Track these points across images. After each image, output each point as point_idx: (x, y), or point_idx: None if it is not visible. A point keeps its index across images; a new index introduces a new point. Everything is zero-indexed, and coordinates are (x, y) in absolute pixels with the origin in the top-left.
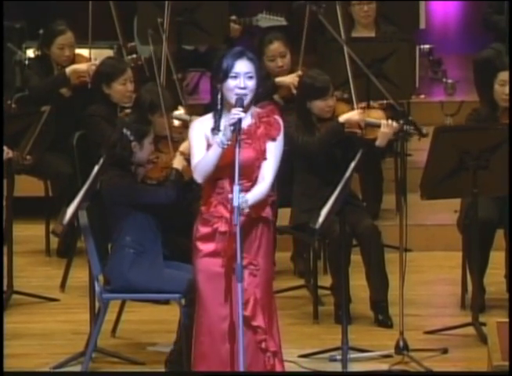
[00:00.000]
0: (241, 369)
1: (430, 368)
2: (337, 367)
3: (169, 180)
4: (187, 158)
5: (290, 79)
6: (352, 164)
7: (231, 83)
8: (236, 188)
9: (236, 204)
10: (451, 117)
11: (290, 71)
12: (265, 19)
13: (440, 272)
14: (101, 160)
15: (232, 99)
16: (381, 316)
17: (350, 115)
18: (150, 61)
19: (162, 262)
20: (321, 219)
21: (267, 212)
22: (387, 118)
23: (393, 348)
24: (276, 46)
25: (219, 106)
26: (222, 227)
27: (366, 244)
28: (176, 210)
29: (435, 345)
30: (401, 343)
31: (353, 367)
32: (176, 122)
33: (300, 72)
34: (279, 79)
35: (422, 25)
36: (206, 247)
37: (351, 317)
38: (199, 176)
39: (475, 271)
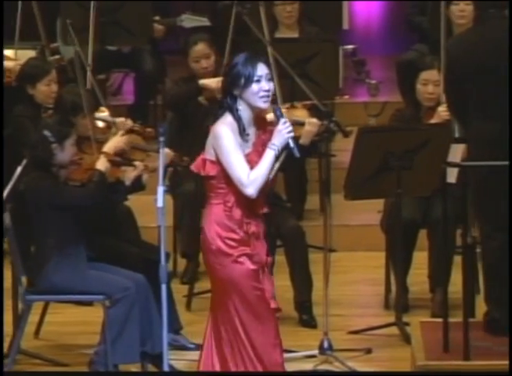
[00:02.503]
0: (166, 368)
1: (354, 368)
2: None
3: (92, 181)
4: (111, 159)
5: (215, 84)
6: (276, 165)
7: (255, 87)
8: (161, 189)
9: (160, 204)
10: (374, 117)
11: (215, 72)
12: (188, 20)
13: (364, 272)
14: (23, 162)
15: (257, 102)
16: (305, 317)
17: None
18: (73, 62)
19: (86, 263)
20: None
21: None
22: (312, 117)
23: (317, 349)
24: (201, 48)
25: (239, 112)
26: (252, 229)
27: (290, 244)
28: (101, 211)
29: (359, 344)
30: (325, 343)
31: None
32: (100, 123)
33: None
34: (203, 81)
35: (345, 26)
36: (239, 250)
37: None
38: (256, 190)
39: (398, 271)
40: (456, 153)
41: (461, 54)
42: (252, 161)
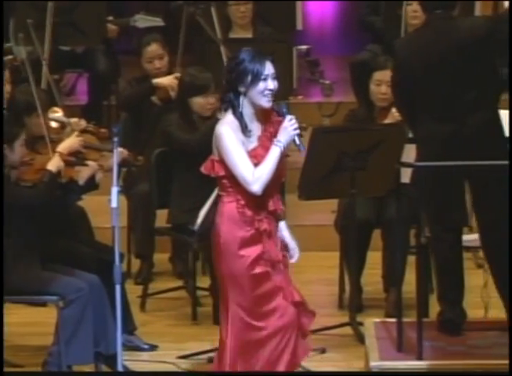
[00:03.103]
0: (120, 368)
1: (308, 368)
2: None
3: (42, 182)
4: (64, 159)
5: (168, 81)
6: None
7: (261, 85)
8: (115, 189)
9: (114, 205)
10: (328, 117)
11: (168, 72)
12: (142, 20)
13: (318, 272)
14: None
15: (261, 100)
16: None
17: None
18: (26, 62)
19: (39, 264)
20: (200, 220)
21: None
22: None
23: None
24: (154, 48)
25: (241, 109)
26: (264, 226)
27: None
28: (55, 212)
29: (313, 344)
30: None
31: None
32: (54, 124)
33: (177, 74)
34: (156, 80)
35: (299, 26)
36: (250, 250)
37: None
38: (261, 187)
39: (352, 271)
40: (410, 153)
41: (409, 55)
42: (258, 156)
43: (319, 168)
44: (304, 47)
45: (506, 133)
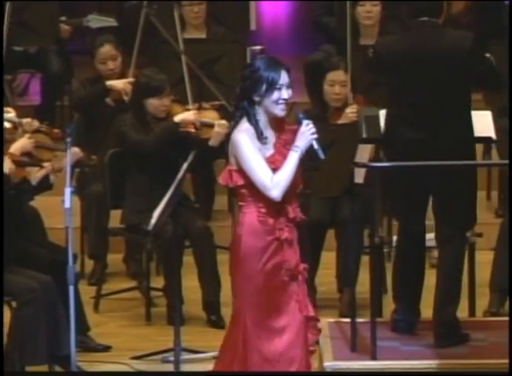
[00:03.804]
0: (73, 369)
1: None
2: (169, 369)
3: None
4: (17, 160)
5: (122, 85)
6: (185, 165)
7: (275, 95)
8: (68, 190)
9: (67, 205)
10: None
11: (122, 73)
12: (95, 20)
13: None
14: None
15: (276, 110)
16: (214, 317)
17: (185, 115)
18: None
19: None
20: (153, 220)
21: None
22: (221, 119)
23: None
24: (107, 49)
25: (256, 118)
26: (285, 234)
27: (199, 245)
28: (8, 212)
29: None
30: None
31: (186, 368)
32: (6, 124)
33: (131, 79)
34: (110, 82)
35: (253, 26)
36: (270, 259)
37: (183, 318)
38: (281, 192)
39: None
40: (364, 153)
41: (391, 57)
42: (277, 161)
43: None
44: (257, 47)
45: (477, 133)
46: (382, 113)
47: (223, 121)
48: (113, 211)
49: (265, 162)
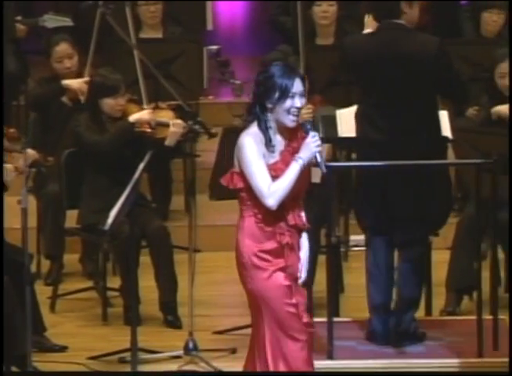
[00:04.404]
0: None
1: (219, 368)
2: (126, 369)
3: None
4: None
5: (78, 84)
6: (141, 165)
7: (288, 103)
8: (24, 190)
9: (24, 206)
10: (239, 117)
11: (78, 72)
12: (51, 20)
13: (228, 272)
14: None
15: (286, 119)
16: (170, 317)
17: (140, 115)
18: None
19: None
20: (110, 220)
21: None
22: (177, 118)
23: (182, 349)
24: (63, 47)
25: (267, 125)
26: (286, 239)
27: (155, 245)
28: None
29: (224, 344)
30: (190, 343)
31: (143, 368)
32: None
33: (87, 78)
34: (66, 82)
35: (209, 26)
36: (272, 265)
37: (140, 318)
38: (277, 202)
39: None
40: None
41: (357, 56)
42: (278, 170)
43: (229, 168)
44: (214, 47)
45: (444, 133)
46: (339, 113)
47: (178, 121)
48: (69, 211)
49: (266, 169)
